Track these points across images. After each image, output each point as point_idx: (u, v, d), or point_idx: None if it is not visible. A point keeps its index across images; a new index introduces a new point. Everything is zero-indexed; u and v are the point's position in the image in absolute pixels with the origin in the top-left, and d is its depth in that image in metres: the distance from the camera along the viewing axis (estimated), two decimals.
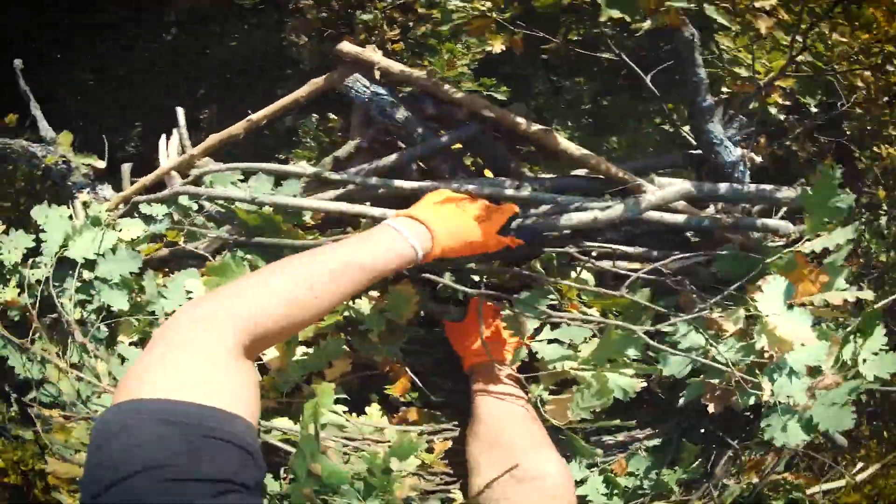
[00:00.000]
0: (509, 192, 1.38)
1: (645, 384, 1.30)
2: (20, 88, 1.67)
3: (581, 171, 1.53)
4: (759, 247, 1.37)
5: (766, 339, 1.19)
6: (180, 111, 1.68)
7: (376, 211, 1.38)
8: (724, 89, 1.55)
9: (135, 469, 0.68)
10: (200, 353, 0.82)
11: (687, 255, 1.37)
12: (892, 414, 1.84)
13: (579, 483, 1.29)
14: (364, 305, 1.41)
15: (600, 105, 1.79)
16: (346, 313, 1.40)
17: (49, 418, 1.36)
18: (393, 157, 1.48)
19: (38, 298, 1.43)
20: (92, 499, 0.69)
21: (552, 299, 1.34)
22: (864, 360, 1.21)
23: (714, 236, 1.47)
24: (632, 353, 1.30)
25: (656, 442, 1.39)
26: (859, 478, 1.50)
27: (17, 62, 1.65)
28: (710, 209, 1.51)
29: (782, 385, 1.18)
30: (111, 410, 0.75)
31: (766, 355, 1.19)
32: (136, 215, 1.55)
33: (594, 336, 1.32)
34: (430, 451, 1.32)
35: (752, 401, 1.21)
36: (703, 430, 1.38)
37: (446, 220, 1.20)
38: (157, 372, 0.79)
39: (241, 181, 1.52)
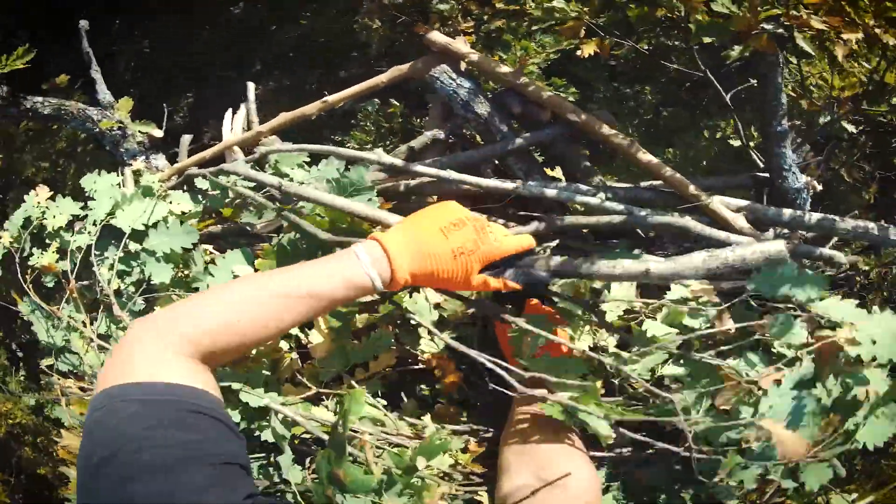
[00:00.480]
0: (582, 198, 1.37)
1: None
2: (83, 50, 1.62)
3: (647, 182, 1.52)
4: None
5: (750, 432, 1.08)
6: (251, 86, 1.65)
7: (390, 217, 1.27)
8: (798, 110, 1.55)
9: (114, 450, 0.75)
10: (154, 350, 0.88)
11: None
12: (880, 450, 1.85)
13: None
14: (420, 299, 1.39)
15: (660, 115, 1.78)
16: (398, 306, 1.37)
17: (67, 388, 1.34)
18: (470, 152, 1.45)
19: (76, 266, 1.40)
20: (87, 476, 0.76)
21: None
22: (866, 424, 1.11)
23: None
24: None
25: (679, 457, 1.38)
26: None
27: (84, 23, 1.60)
28: (770, 233, 1.51)
29: (736, 469, 1.08)
30: (95, 400, 0.82)
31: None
32: (186, 189, 1.53)
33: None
34: (464, 451, 1.30)
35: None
36: None
37: (418, 247, 1.07)
38: (122, 366, 0.86)
39: (307, 163, 1.49)
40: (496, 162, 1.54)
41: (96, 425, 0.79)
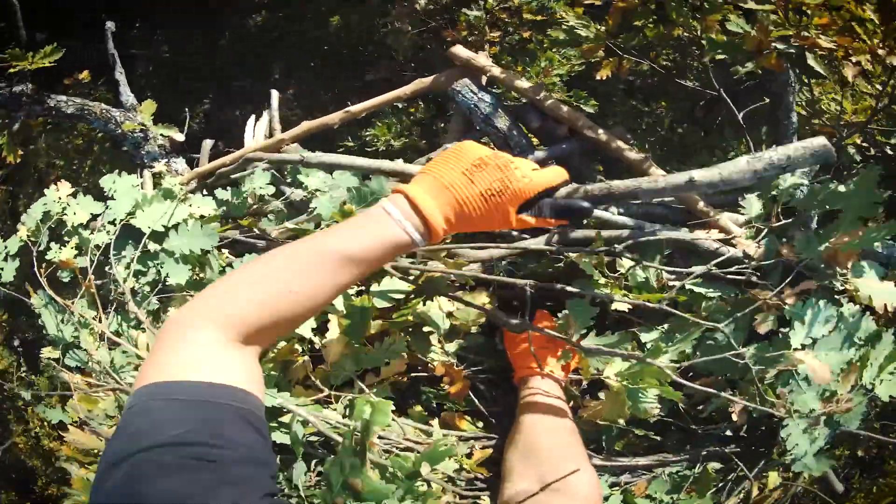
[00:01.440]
0: (596, 212, 1.38)
1: (659, 413, 1.27)
2: (108, 52, 1.64)
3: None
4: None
5: (785, 359, 1.17)
6: (274, 93, 1.67)
7: (412, 168, 1.36)
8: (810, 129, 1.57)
9: (141, 447, 0.71)
10: (198, 343, 0.84)
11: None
12: (878, 467, 1.87)
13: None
14: (433, 307, 1.40)
15: (675, 131, 1.80)
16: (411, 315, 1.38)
17: (75, 383, 1.35)
18: None
19: (94, 263, 1.42)
20: (104, 472, 0.72)
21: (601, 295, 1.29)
22: (882, 381, 1.16)
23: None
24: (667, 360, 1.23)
25: (679, 467, 1.39)
26: None
27: (110, 24, 1.62)
28: None
29: (796, 392, 1.16)
30: (132, 397, 0.79)
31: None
32: (205, 193, 1.55)
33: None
34: (469, 456, 1.32)
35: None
36: (723, 459, 1.39)
37: (446, 193, 1.01)
38: (164, 361, 0.83)
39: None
40: None
41: (127, 423, 0.76)
